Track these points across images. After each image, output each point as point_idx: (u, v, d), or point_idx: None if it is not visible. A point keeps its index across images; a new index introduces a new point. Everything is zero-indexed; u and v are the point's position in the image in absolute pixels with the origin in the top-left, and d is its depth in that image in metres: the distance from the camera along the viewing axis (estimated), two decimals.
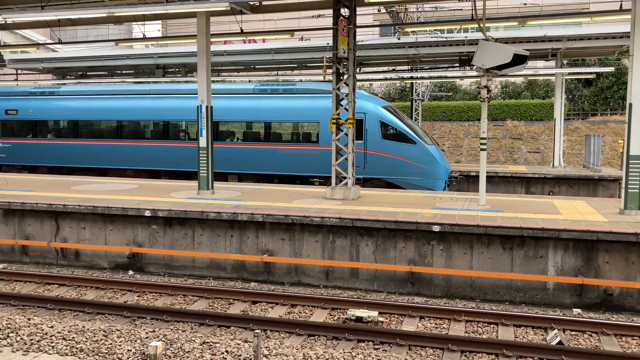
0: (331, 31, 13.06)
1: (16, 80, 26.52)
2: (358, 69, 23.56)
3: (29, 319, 7.17)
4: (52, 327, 6.85)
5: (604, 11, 14.45)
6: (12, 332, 6.58)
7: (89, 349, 6.15)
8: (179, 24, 34.94)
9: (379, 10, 23.90)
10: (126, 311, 8.71)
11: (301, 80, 23.81)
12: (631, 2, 10.69)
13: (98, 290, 10.12)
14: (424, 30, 21.22)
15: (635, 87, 10.55)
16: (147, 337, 6.61)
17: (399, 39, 20.73)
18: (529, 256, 9.73)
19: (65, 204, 11.96)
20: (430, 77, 25.41)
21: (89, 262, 12.05)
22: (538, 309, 9.37)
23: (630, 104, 10.62)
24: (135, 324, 8.38)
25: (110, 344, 6.32)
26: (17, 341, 6.34)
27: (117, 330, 6.81)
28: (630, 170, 10.69)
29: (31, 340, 6.39)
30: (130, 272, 11.60)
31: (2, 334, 6.51)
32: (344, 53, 12.75)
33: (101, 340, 6.44)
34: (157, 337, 6.62)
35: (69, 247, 12.11)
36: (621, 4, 12.56)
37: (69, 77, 27.69)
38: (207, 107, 13.49)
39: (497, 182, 21.09)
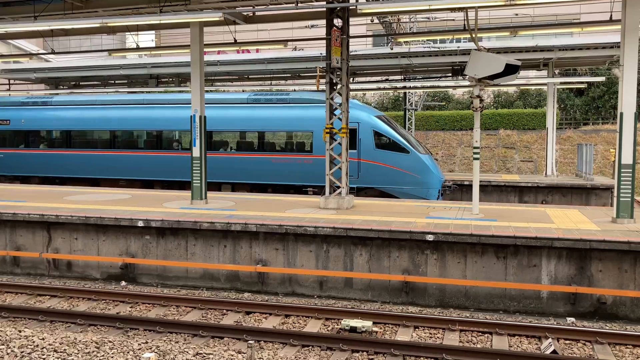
0: (324, 41, 13.13)
1: (9, 90, 26.44)
2: (351, 78, 23.66)
3: (20, 331, 7.10)
4: (43, 339, 6.78)
5: (595, 22, 14.61)
6: (2, 345, 6.51)
7: None
8: (172, 34, 34.96)
9: (372, 21, 24.05)
10: (119, 322, 8.64)
11: (295, 90, 23.86)
12: (621, 13, 10.82)
13: (90, 301, 10.04)
14: (417, 40, 21.36)
15: (626, 96, 10.65)
16: (139, 349, 6.56)
17: (391, 49, 20.86)
18: (522, 265, 9.74)
19: (58, 214, 11.89)
20: (423, 87, 25.53)
21: (81, 273, 11.97)
22: (532, 318, 9.38)
23: (622, 113, 10.71)
24: (128, 335, 8.31)
25: (103, 355, 6.26)
26: (7, 354, 6.27)
27: (110, 341, 6.75)
28: (622, 178, 10.76)
29: (22, 352, 6.32)
30: (123, 283, 11.52)
31: None
32: (337, 63, 12.81)
33: (93, 352, 6.38)
34: (150, 348, 6.57)
35: (61, 258, 12.02)
36: (611, 15, 12.71)
37: (61, 87, 27.65)
38: (200, 116, 13.49)
39: (490, 191, 21.15)
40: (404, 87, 24.94)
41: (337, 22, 13.03)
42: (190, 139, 13.81)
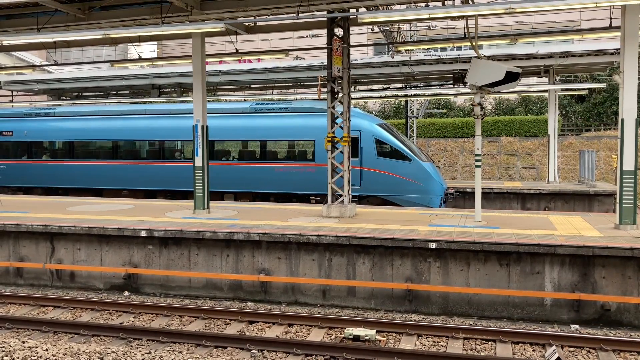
0: (325, 50, 13.19)
1: (12, 101, 26.56)
2: (352, 87, 23.73)
3: (23, 342, 7.10)
4: (46, 350, 6.78)
5: (595, 28, 14.67)
6: (6, 356, 6.52)
7: None
8: (174, 45, 35.17)
9: (372, 30, 24.16)
10: (122, 333, 8.64)
11: (296, 99, 23.96)
12: (620, 20, 10.86)
13: (93, 311, 10.04)
14: (418, 48, 21.44)
15: (627, 102, 10.67)
16: (143, 359, 6.56)
17: (392, 57, 20.93)
18: (525, 272, 9.72)
19: (61, 225, 11.92)
20: (425, 95, 25.59)
21: (85, 284, 11.97)
22: (536, 325, 9.35)
23: (622, 120, 10.73)
24: (131, 346, 8.31)
25: None
26: None
27: (113, 352, 6.75)
28: (624, 185, 10.76)
29: None
30: (126, 293, 11.52)
31: None
32: (339, 72, 12.86)
33: None
34: (153, 358, 6.57)
35: (64, 269, 12.03)
36: (611, 22, 12.75)
37: (64, 98, 27.75)
38: (202, 126, 13.54)
39: (492, 198, 21.13)
40: (405, 95, 24.99)
41: (338, 31, 13.10)
42: (192, 148, 13.86)
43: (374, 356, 7.64)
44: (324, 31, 13.24)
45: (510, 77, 11.27)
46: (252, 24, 14.01)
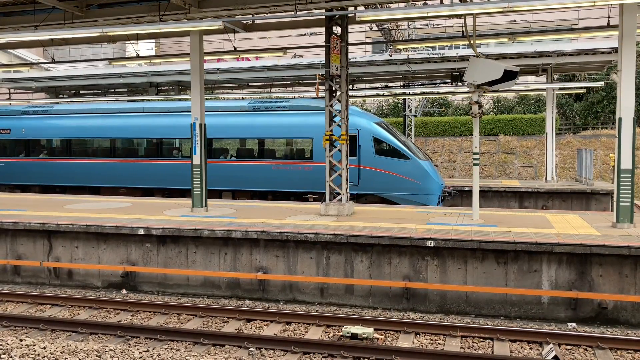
0: (324, 49, 13.18)
1: (9, 99, 26.50)
2: (350, 85, 23.72)
3: (20, 340, 7.10)
4: (44, 348, 6.78)
5: (592, 27, 14.66)
6: (3, 354, 6.51)
7: None
8: (172, 42, 35.14)
9: (370, 28, 24.16)
10: (120, 331, 8.64)
11: (294, 97, 23.94)
12: (618, 19, 10.87)
13: (91, 310, 10.04)
14: (416, 47, 21.42)
15: (625, 101, 10.69)
16: (141, 357, 6.56)
17: (390, 55, 20.91)
18: (523, 270, 9.74)
19: (58, 223, 11.91)
20: (423, 93, 25.58)
21: (82, 282, 11.97)
22: (533, 324, 9.37)
23: (620, 118, 10.75)
24: (129, 344, 8.31)
25: None
26: None
27: (111, 350, 6.75)
28: (621, 183, 10.78)
29: None
30: (124, 291, 11.52)
31: None
32: (337, 70, 12.86)
33: None
34: (151, 356, 6.57)
35: (61, 267, 12.02)
36: (609, 21, 12.76)
37: (62, 96, 27.70)
38: (200, 124, 13.53)
39: (490, 196, 21.16)
40: (404, 94, 25.00)
41: (336, 29, 13.09)
42: (190, 146, 13.86)
43: (372, 354, 7.66)
44: (322, 29, 13.23)
45: (508, 75, 11.28)
46: (250, 22, 14.00)
